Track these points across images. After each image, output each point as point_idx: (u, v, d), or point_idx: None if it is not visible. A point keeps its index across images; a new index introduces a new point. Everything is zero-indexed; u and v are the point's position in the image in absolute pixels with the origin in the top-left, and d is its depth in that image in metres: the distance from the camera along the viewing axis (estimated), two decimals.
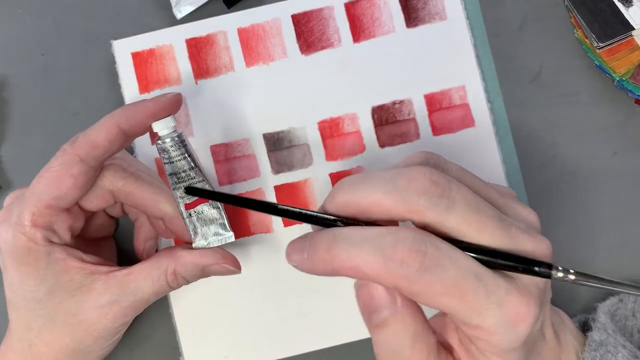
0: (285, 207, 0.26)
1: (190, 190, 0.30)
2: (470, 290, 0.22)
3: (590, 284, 0.24)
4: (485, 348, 0.24)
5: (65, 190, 0.29)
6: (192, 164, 0.30)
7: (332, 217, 0.24)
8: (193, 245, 0.31)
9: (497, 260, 0.23)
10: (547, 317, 0.27)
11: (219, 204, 0.31)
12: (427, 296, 0.23)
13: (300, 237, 0.25)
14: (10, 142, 0.38)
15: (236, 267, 0.31)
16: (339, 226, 0.24)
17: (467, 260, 0.23)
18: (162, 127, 0.30)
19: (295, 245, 0.25)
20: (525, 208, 0.26)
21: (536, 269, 0.23)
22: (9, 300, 0.31)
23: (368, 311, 0.24)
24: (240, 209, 0.36)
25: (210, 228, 0.31)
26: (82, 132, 0.30)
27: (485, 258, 0.23)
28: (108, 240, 0.36)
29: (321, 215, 0.25)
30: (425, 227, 0.23)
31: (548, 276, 0.24)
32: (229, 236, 0.31)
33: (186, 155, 0.30)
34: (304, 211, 0.25)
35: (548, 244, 0.25)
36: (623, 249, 0.35)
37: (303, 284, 0.35)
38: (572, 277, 0.24)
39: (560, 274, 0.24)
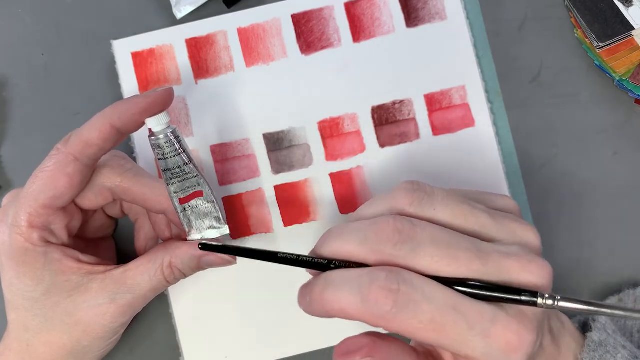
0: (285, 255, 0.26)
1: (205, 247, 0.28)
2: (448, 324, 0.23)
3: (577, 306, 0.23)
4: None
5: (61, 189, 0.29)
6: (186, 159, 0.30)
7: (326, 261, 0.25)
8: (187, 239, 0.31)
9: (475, 291, 0.23)
10: (545, 331, 0.27)
11: (214, 198, 0.31)
12: (408, 332, 0.23)
13: (307, 282, 0.26)
14: (10, 142, 0.38)
15: (231, 257, 0.31)
16: (332, 268, 0.25)
17: (444, 293, 0.23)
18: (155, 123, 0.30)
19: (302, 290, 0.26)
20: (523, 226, 0.26)
21: (520, 298, 0.23)
22: (8, 300, 0.30)
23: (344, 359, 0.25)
24: (240, 208, 0.36)
25: (205, 221, 0.31)
26: (75, 130, 0.30)
27: (467, 290, 0.23)
28: (107, 241, 0.36)
29: (316, 260, 0.25)
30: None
31: (534, 304, 0.23)
32: (224, 229, 0.31)
33: (180, 151, 0.30)
34: (302, 257, 0.26)
35: (543, 266, 0.24)
36: (623, 249, 0.35)
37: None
38: (559, 303, 0.23)
39: (550, 302, 0.23)
